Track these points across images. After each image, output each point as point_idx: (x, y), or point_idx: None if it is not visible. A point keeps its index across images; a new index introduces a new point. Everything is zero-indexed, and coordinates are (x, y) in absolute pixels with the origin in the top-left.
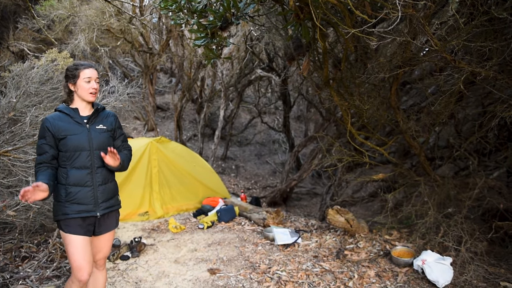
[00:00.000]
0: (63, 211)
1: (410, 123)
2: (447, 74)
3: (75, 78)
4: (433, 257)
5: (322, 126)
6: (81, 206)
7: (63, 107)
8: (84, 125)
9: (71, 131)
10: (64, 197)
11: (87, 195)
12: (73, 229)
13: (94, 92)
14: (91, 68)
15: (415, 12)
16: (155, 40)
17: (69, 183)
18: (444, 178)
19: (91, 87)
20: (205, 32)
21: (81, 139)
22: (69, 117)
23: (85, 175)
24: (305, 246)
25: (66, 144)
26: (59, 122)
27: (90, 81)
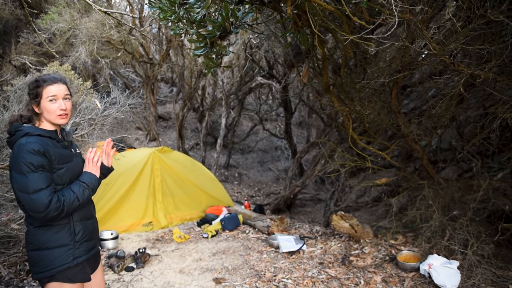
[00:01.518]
0: (74, 254)
1: (412, 126)
2: (447, 77)
3: (37, 98)
4: (439, 261)
5: (324, 132)
6: (90, 243)
7: (40, 130)
8: (70, 150)
9: (65, 158)
10: (73, 238)
11: (92, 229)
12: (81, 276)
13: (63, 114)
14: (58, 83)
15: (412, 17)
16: (155, 50)
17: (76, 219)
18: (448, 180)
19: (58, 107)
20: (204, 42)
21: (75, 165)
22: (54, 142)
23: (87, 207)
24: (310, 253)
25: (63, 176)
26: (50, 148)
27: (56, 100)
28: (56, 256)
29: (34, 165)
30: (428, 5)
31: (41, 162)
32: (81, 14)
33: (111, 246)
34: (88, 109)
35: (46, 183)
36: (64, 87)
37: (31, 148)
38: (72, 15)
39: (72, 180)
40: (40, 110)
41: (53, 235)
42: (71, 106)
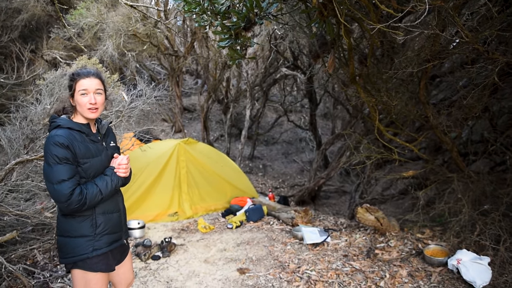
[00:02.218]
0: (94, 246)
1: (441, 118)
2: (480, 66)
3: (71, 91)
4: (469, 256)
5: (349, 123)
6: (112, 236)
7: (71, 123)
8: (101, 144)
9: (92, 153)
10: (94, 230)
11: (116, 222)
12: (103, 266)
13: (92, 108)
14: (90, 77)
15: (444, 3)
16: (180, 43)
17: (98, 212)
18: (478, 174)
19: (88, 101)
20: (229, 33)
21: (103, 162)
22: (83, 136)
23: (111, 200)
24: (335, 245)
25: (88, 170)
26: (76, 142)
27: (87, 94)
28: (77, 245)
29: (58, 157)
30: None
31: (65, 154)
32: (108, 8)
33: (138, 235)
34: (115, 102)
35: (69, 175)
36: (97, 81)
37: (57, 141)
38: (100, 10)
39: (97, 175)
40: (74, 103)
41: (76, 225)
42: (103, 100)
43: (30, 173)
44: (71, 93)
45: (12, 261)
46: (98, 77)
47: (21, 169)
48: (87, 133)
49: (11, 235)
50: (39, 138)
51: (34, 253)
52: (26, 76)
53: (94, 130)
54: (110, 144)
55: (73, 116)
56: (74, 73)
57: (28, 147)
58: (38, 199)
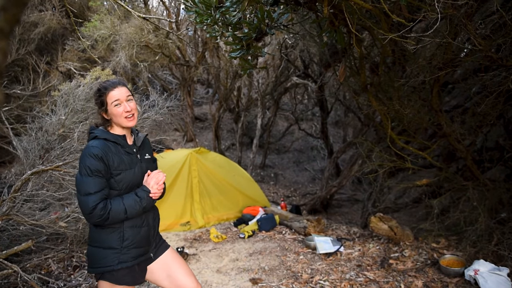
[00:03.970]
0: (120, 259)
1: (454, 125)
2: (493, 74)
3: (104, 106)
4: (487, 267)
5: (361, 131)
6: (139, 250)
7: (107, 134)
8: (135, 156)
9: (125, 165)
10: (121, 243)
11: (144, 237)
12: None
13: (129, 116)
14: (118, 87)
15: (455, 11)
16: (192, 53)
17: (126, 225)
18: (494, 181)
19: (124, 110)
20: (240, 44)
21: (136, 174)
22: (119, 147)
23: (141, 215)
24: (348, 254)
25: (120, 182)
26: (110, 153)
27: (121, 104)
28: (103, 256)
29: (90, 169)
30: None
31: (98, 167)
32: (121, 21)
33: None
34: None
35: (96, 188)
36: (125, 89)
37: (92, 152)
38: (113, 22)
39: (130, 187)
40: (109, 116)
41: (104, 236)
42: (136, 106)
43: (45, 183)
44: (104, 108)
45: (27, 271)
46: (124, 85)
47: (37, 179)
48: (122, 144)
49: (26, 245)
50: (54, 149)
51: (48, 263)
52: (41, 87)
53: (130, 142)
54: (145, 157)
55: (110, 128)
56: (100, 88)
57: (44, 157)
58: (52, 209)
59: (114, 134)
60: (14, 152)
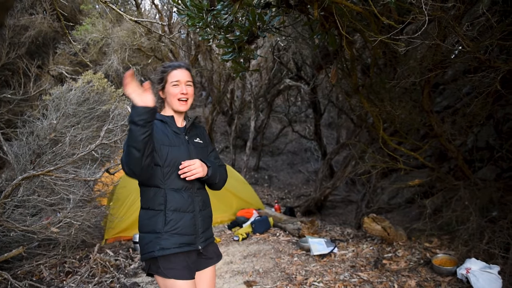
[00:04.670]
0: (160, 244)
1: (445, 126)
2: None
3: (162, 82)
4: (478, 265)
5: (354, 133)
6: (183, 238)
7: (159, 115)
8: (183, 136)
9: (171, 141)
10: (162, 227)
11: (188, 224)
12: (179, 272)
13: (184, 99)
14: (181, 69)
15: (444, 13)
16: (184, 56)
17: (169, 208)
18: (485, 181)
19: (180, 91)
20: (232, 47)
21: (182, 152)
22: (166, 126)
23: (186, 198)
24: (342, 256)
25: (165, 157)
26: (156, 128)
27: (179, 85)
28: (147, 241)
29: None
30: (460, 1)
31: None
32: (113, 24)
33: None
34: (120, 116)
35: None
36: (187, 73)
37: None
38: (105, 25)
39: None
40: (164, 95)
41: (148, 220)
42: (193, 93)
43: (36, 188)
44: (162, 85)
45: (18, 278)
46: (188, 70)
47: (28, 185)
48: (169, 123)
49: (17, 251)
50: (45, 153)
51: (40, 269)
52: (32, 91)
53: (181, 125)
54: (195, 140)
55: (161, 110)
56: (165, 65)
57: (35, 162)
58: (44, 214)
59: (162, 114)
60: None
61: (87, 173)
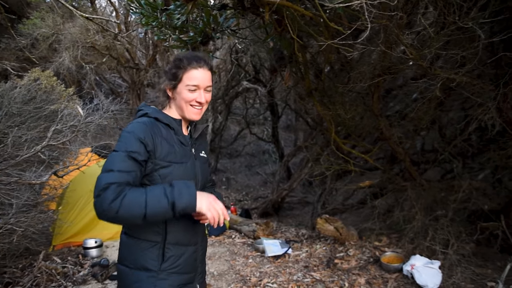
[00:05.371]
0: (155, 285)
1: (393, 129)
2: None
3: (175, 80)
4: (421, 261)
5: (311, 135)
6: (182, 277)
7: (160, 114)
8: (189, 149)
9: (176, 156)
10: (159, 264)
11: (190, 260)
12: None
13: (197, 106)
14: (203, 68)
15: (388, 22)
16: (142, 55)
17: (169, 241)
18: (430, 182)
19: (195, 98)
20: (186, 48)
21: (188, 172)
22: (171, 133)
23: (191, 226)
24: (296, 256)
25: (166, 178)
26: (159, 138)
27: (196, 90)
28: (135, 280)
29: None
30: (403, 11)
31: (136, 148)
32: (65, 19)
33: (95, 255)
34: (70, 116)
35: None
36: (209, 75)
37: (133, 130)
38: (55, 20)
39: None
40: (173, 95)
41: (138, 252)
42: (210, 99)
43: None
44: (174, 84)
45: None
46: (210, 69)
47: None
48: (176, 130)
49: None
50: None
51: None
52: None
53: (186, 133)
54: (200, 154)
55: (165, 109)
56: (183, 59)
57: None
58: None
59: (168, 116)
60: None
61: (33, 176)
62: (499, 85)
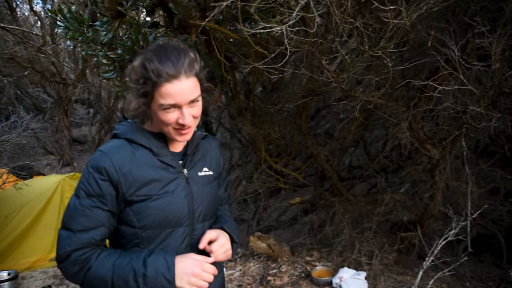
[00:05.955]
0: None
1: (320, 148)
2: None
3: (146, 97)
4: (349, 273)
5: (245, 153)
6: None
7: (134, 133)
8: (180, 172)
9: (158, 186)
10: None
11: None
12: None
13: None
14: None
15: (310, 47)
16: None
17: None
18: (356, 196)
19: (176, 120)
20: (113, 65)
21: (176, 204)
22: (151, 155)
23: None
24: (229, 275)
25: (146, 215)
26: (133, 167)
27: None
28: None
29: (87, 190)
30: (323, 38)
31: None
32: None
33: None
34: None
35: (82, 225)
36: (192, 84)
37: (96, 164)
38: None
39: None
40: (150, 112)
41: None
42: (200, 111)
43: None
44: (146, 101)
45: None
46: (194, 73)
47: None
48: (155, 152)
49: None
50: None
51: None
52: None
53: (177, 148)
54: (199, 172)
55: (147, 125)
56: (149, 69)
57: None
58: None
59: (146, 134)
60: None
61: None
62: (410, 107)
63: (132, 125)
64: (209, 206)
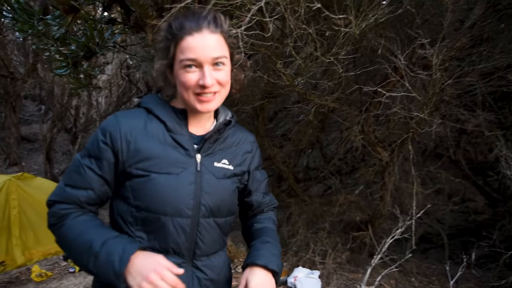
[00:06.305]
0: None
1: (275, 150)
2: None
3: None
4: (303, 272)
5: None
6: None
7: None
8: (192, 156)
9: (163, 163)
10: None
11: None
12: None
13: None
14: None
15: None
16: (20, 63)
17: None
18: (311, 197)
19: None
20: (66, 61)
21: (178, 189)
22: (164, 130)
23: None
24: None
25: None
26: (139, 136)
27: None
28: None
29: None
30: (279, 42)
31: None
32: None
33: None
34: None
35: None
36: (216, 39)
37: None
38: None
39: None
40: (172, 78)
41: None
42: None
43: None
44: (168, 63)
45: None
46: (218, 30)
47: None
48: (169, 127)
49: None
50: None
51: None
52: None
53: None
54: (216, 163)
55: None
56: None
57: None
58: None
59: (167, 107)
60: None
61: None
62: (362, 111)
63: (157, 98)
64: (220, 203)
